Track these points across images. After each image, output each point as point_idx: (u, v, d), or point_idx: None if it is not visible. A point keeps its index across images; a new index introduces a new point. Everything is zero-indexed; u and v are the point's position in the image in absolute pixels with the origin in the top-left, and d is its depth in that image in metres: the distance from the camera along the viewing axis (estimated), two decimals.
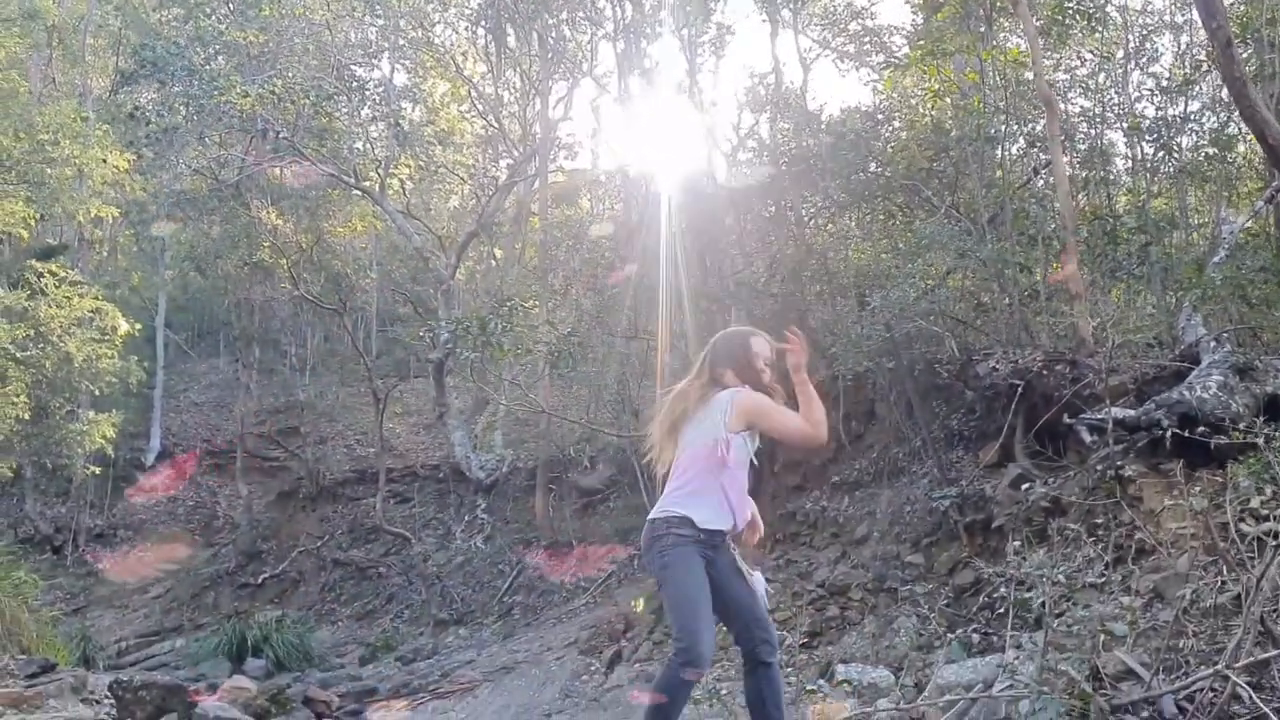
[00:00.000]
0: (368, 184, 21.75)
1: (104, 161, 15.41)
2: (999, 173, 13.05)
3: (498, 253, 23.95)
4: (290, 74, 20.14)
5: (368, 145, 22.79)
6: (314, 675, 15.51)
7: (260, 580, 21.43)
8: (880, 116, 14.60)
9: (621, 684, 11.43)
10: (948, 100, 13.59)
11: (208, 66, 20.15)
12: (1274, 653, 5.53)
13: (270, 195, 22.23)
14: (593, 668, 12.15)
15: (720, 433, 3.79)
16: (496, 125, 23.66)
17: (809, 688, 7.19)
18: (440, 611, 18.55)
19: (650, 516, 3.81)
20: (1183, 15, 14.29)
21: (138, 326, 17.72)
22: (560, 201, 23.18)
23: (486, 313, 14.72)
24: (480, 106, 24.25)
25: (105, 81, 25.47)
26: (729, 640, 9.14)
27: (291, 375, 27.39)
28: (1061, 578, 6.80)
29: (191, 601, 21.39)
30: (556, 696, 11.65)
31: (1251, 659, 5.51)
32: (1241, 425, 6.94)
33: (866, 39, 17.10)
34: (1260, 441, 6.50)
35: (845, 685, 6.95)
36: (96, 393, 16.72)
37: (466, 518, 21.02)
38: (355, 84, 21.68)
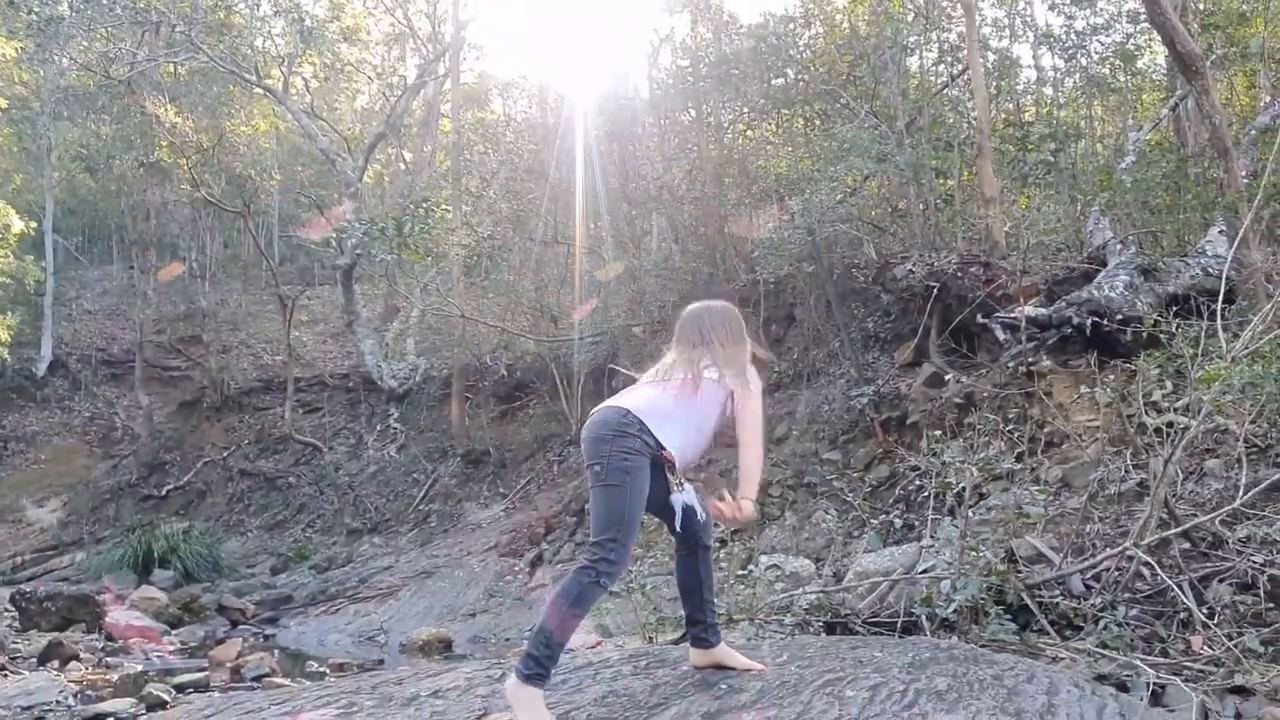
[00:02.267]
0: (270, 82, 20.90)
1: None
2: (915, 80, 13.19)
3: (407, 155, 23.37)
4: None
5: (269, 42, 21.85)
6: (226, 585, 15.37)
7: (164, 492, 20.97)
8: (800, 21, 14.55)
9: (545, 583, 11.60)
10: (866, 5, 13.61)
11: None
12: (1175, 530, 5.90)
13: (166, 92, 21.20)
14: (516, 568, 12.29)
15: (726, 381, 3.71)
16: (405, 22, 22.90)
17: (739, 572, 7.40)
18: (354, 520, 18.44)
19: (618, 407, 3.65)
20: None
21: (33, 226, 16.85)
22: (471, 104, 22.63)
23: (400, 214, 14.40)
24: (388, 2, 23.40)
25: None
26: (657, 534, 9.33)
27: (191, 282, 26.47)
28: (974, 470, 7.12)
29: (91, 515, 20.84)
30: (480, 596, 11.78)
31: (1155, 537, 5.88)
32: (1146, 322, 7.25)
33: None
34: (1164, 338, 6.84)
35: (774, 570, 7.17)
36: None
37: (379, 427, 20.82)
38: None
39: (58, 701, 7.06)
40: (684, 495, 3.72)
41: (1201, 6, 11.57)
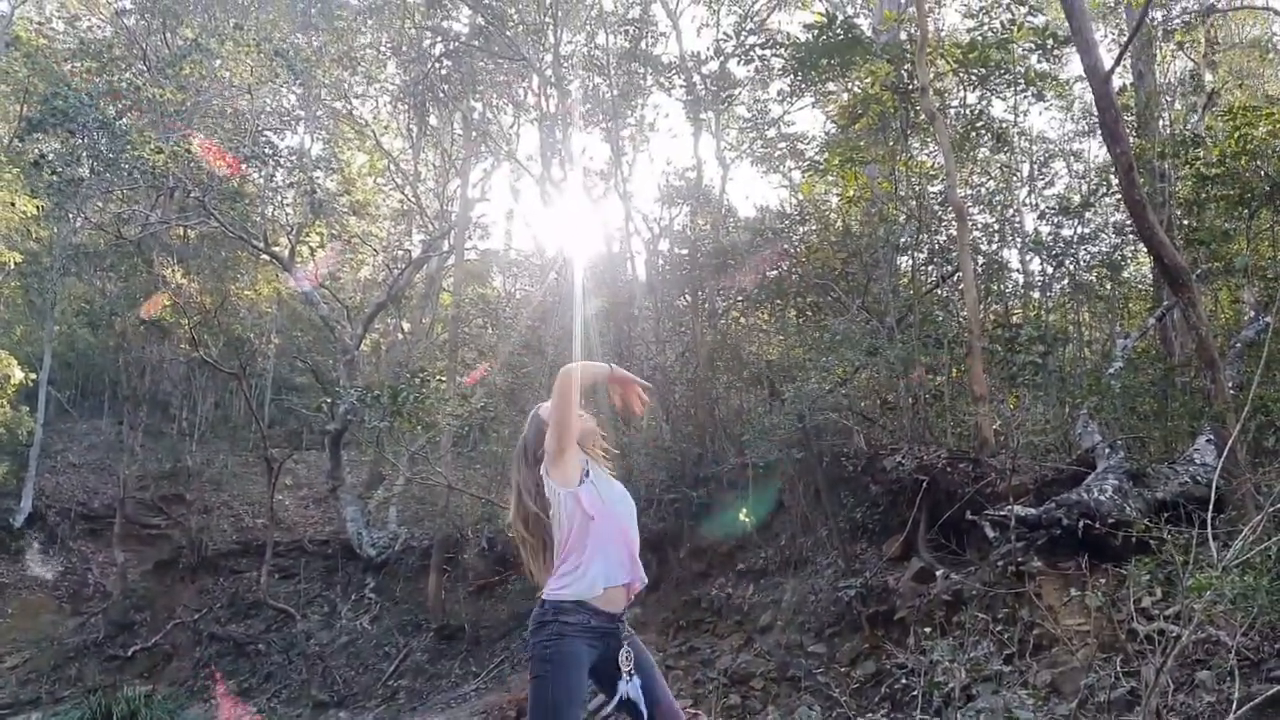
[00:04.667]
0: (277, 249, 21.46)
1: (11, 205, 14.89)
2: (906, 279, 13.60)
3: (405, 326, 23.77)
4: (205, 135, 19.91)
5: (280, 211, 22.55)
6: None
7: (130, 653, 20.30)
8: (795, 217, 15.12)
9: None
10: (860, 206, 14.16)
11: (120, 121, 19.79)
12: None
13: (175, 254, 21.72)
14: None
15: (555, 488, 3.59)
16: (414, 200, 23.71)
17: None
18: (321, 693, 17.80)
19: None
20: (1080, 143, 15.30)
21: (31, 377, 16.94)
22: (472, 279, 23.19)
23: (396, 383, 14.54)
24: (398, 180, 24.28)
25: (6, 129, 24.73)
26: None
27: (180, 440, 26.41)
28: (962, 670, 6.98)
29: (53, 673, 20.11)
30: None
31: None
32: (1137, 527, 7.24)
33: (783, 144, 17.76)
34: (1154, 544, 6.82)
35: None
36: None
37: (354, 596, 20.37)
38: (270, 150, 21.52)
39: None
40: (627, 686, 3.45)
41: (1186, 223, 12.07)
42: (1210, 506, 6.90)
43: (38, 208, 16.83)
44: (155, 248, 21.72)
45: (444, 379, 16.16)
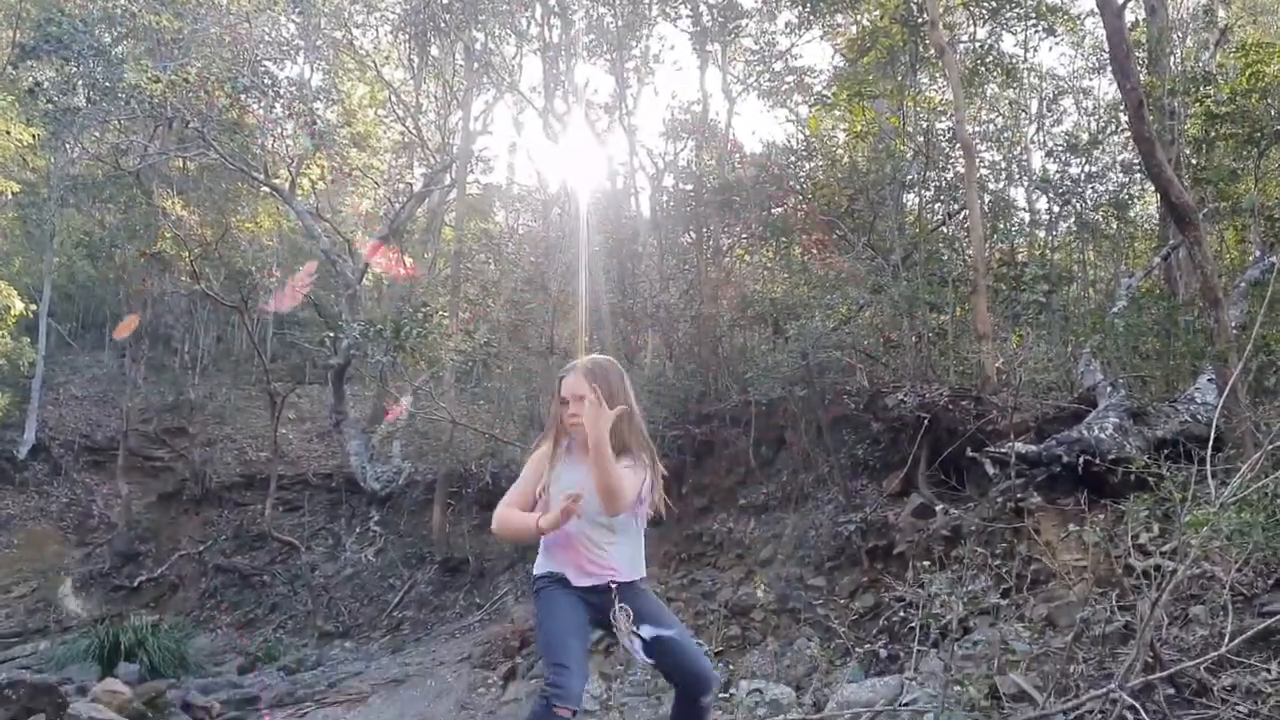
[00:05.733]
0: (277, 182, 21.31)
1: (7, 133, 14.75)
2: (912, 216, 13.54)
3: (408, 260, 23.69)
4: (203, 64, 19.63)
5: (280, 143, 22.33)
6: (192, 682, 14.95)
7: (136, 583, 20.59)
8: (801, 153, 15.00)
9: (519, 698, 11.35)
10: (868, 141, 14.05)
11: (116, 48, 19.52)
12: (1160, 674, 5.85)
13: (174, 185, 21.58)
14: (489, 681, 12.03)
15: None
16: (415, 132, 23.48)
17: (720, 696, 7.28)
18: (326, 623, 18.09)
19: None
20: (1089, 80, 15.13)
21: (32, 309, 16.93)
22: (475, 214, 23.07)
23: (399, 318, 14.54)
24: (399, 112, 24.03)
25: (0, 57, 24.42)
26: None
27: (182, 373, 26.49)
28: (960, 603, 7.08)
29: (60, 602, 20.44)
30: (451, 709, 11.50)
31: (1140, 681, 5.82)
32: (1136, 464, 7.30)
33: (790, 78, 17.57)
34: (1153, 481, 6.88)
35: (755, 695, 7.05)
36: None
37: (358, 529, 20.58)
38: (269, 80, 21.24)
39: None
40: (634, 643, 3.48)
41: (1194, 161, 11.99)
42: (1209, 445, 6.96)
43: (33, 136, 16.68)
44: (154, 179, 21.57)
45: (446, 314, 16.13)
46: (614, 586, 3.51)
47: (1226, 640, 5.83)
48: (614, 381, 3.58)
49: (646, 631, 3.52)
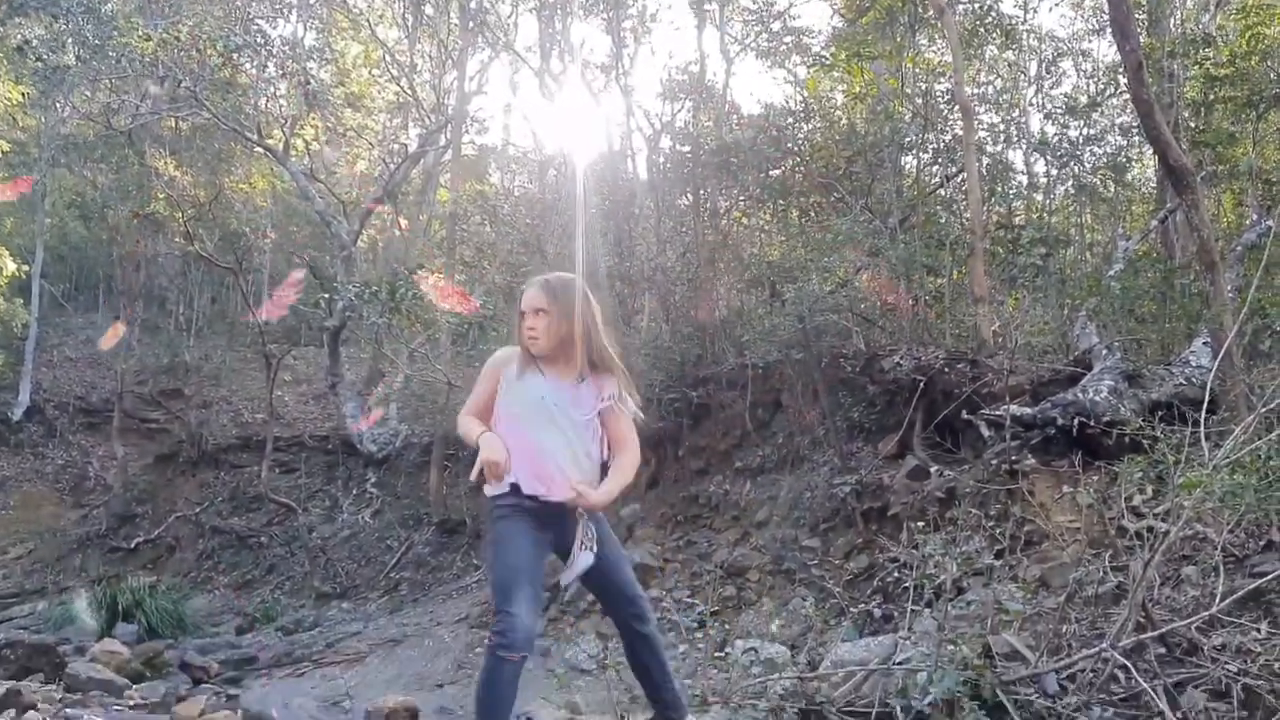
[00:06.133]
0: (270, 142, 21.16)
1: None
2: (910, 179, 13.50)
3: (403, 222, 23.59)
4: (194, 22, 19.42)
5: (274, 103, 22.16)
6: (190, 642, 15.06)
7: (133, 545, 20.65)
8: (800, 114, 14.91)
9: None
10: (866, 103, 13.98)
11: (106, 6, 19.29)
12: (1152, 634, 5.92)
13: (167, 146, 21.42)
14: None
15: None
16: (410, 93, 23.29)
17: (715, 655, 7.35)
18: (323, 584, 18.18)
19: None
20: (1089, 42, 15.03)
21: (25, 269, 16.85)
22: (470, 175, 22.94)
23: (395, 279, 14.50)
24: (394, 72, 23.83)
25: None
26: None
27: (177, 335, 26.43)
28: (954, 564, 7.14)
29: (57, 564, 20.50)
30: (449, 667, 11.61)
31: (1131, 640, 5.89)
32: (1131, 426, 7.35)
33: (789, 38, 17.43)
34: (1147, 443, 6.92)
35: (750, 654, 7.11)
36: None
37: (355, 491, 20.63)
38: (262, 39, 21.03)
39: None
40: (582, 554, 3.40)
41: (1193, 125, 11.96)
42: (1204, 407, 7.00)
43: (23, 95, 16.51)
44: (146, 139, 21.41)
45: (442, 277, 16.09)
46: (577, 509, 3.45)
47: (1218, 600, 5.88)
48: (572, 297, 3.59)
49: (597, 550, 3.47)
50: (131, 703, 10.48)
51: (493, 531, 3.38)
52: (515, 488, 3.40)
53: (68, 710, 9.18)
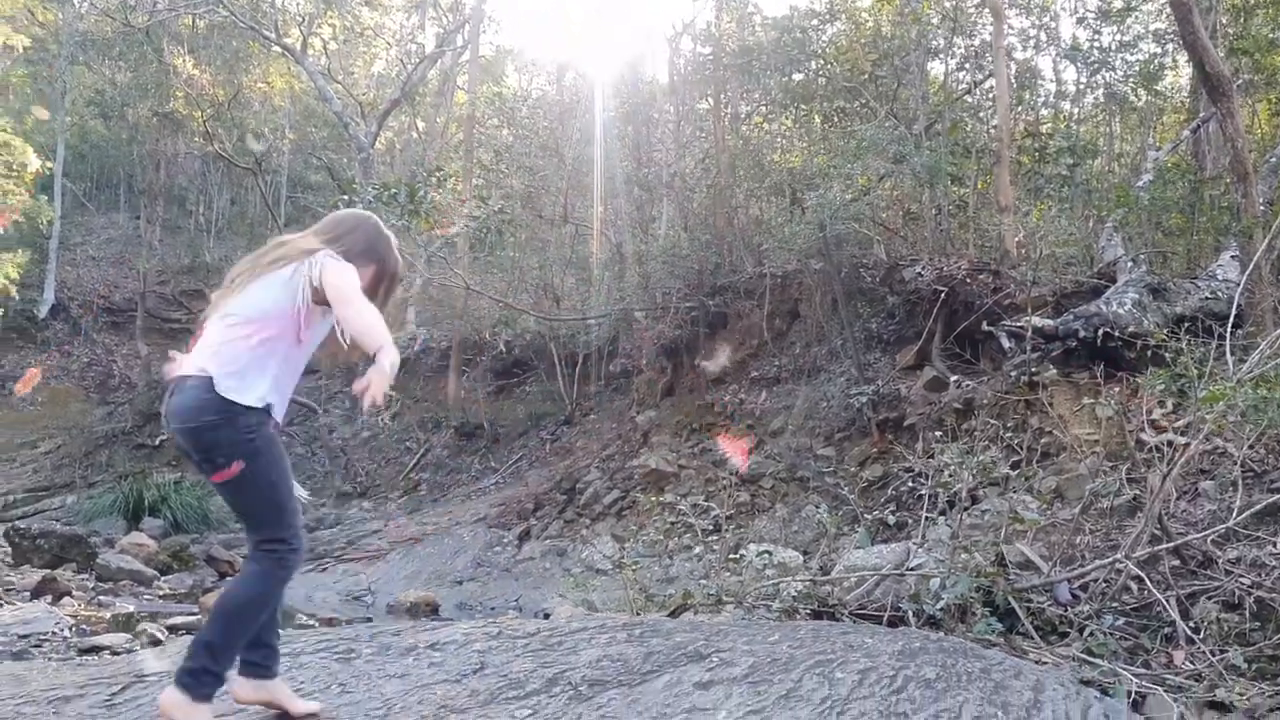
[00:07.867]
0: (288, 41, 20.84)
1: None
2: (937, 84, 13.20)
3: (420, 124, 23.30)
4: None
5: (291, 0, 21.81)
6: (214, 537, 15.38)
7: (158, 442, 20.93)
8: (824, 16, 14.53)
9: (533, 557, 11.65)
10: (893, 4, 13.61)
11: None
12: (1166, 546, 5.95)
13: (185, 44, 21.16)
14: (504, 540, 12.33)
15: (298, 299, 3.00)
16: None
17: (730, 557, 7.45)
18: (344, 484, 18.47)
19: (208, 382, 2.95)
20: None
21: (48, 166, 16.77)
22: (488, 77, 22.58)
23: (413, 181, 14.38)
24: None
25: None
26: (649, 515, 9.29)
27: (197, 235, 26.45)
28: (970, 474, 7.16)
29: (85, 459, 20.86)
30: (468, 565, 11.83)
31: (1146, 552, 5.92)
32: (1155, 338, 7.27)
33: None
34: (1170, 356, 6.86)
35: (764, 556, 7.21)
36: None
37: None
38: None
39: (54, 632, 7.12)
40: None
41: (1231, 30, 11.59)
42: (1229, 322, 6.92)
43: None
44: (164, 36, 21.13)
45: (459, 180, 15.95)
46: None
47: (1235, 515, 5.89)
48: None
49: None
50: (161, 593, 10.78)
51: (256, 447, 3.00)
52: (270, 408, 3.08)
53: (100, 597, 9.47)
